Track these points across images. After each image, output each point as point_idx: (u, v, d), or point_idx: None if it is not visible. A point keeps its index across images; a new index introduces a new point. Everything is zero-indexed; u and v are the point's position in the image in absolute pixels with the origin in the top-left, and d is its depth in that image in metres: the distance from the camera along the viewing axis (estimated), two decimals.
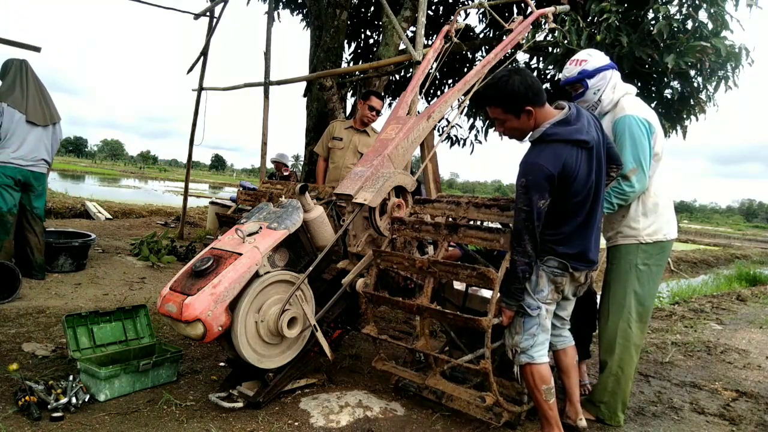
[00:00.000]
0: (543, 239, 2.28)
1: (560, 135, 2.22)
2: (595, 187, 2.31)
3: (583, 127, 2.26)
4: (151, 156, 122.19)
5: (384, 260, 2.66)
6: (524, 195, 2.19)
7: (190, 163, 8.10)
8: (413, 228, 2.68)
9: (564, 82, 2.86)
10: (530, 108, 2.26)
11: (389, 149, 2.95)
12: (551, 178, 2.16)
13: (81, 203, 11.15)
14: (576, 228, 2.31)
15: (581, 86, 2.77)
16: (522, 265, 2.25)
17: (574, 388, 2.63)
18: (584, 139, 2.22)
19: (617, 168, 2.55)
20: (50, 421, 2.29)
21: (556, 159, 2.18)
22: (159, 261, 5.77)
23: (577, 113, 2.30)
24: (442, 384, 2.59)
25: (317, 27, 6.77)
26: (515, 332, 2.39)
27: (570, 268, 2.34)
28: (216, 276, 2.38)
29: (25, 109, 4.36)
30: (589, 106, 2.77)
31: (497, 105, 2.32)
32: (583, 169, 2.23)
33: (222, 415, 2.48)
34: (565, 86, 2.89)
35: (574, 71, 2.77)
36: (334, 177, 4.61)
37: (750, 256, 18.87)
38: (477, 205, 2.58)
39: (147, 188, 29.76)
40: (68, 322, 2.81)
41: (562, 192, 2.22)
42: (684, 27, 4.79)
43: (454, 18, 3.77)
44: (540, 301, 2.35)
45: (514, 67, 2.40)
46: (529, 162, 2.22)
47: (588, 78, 2.74)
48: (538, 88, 2.28)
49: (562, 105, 2.34)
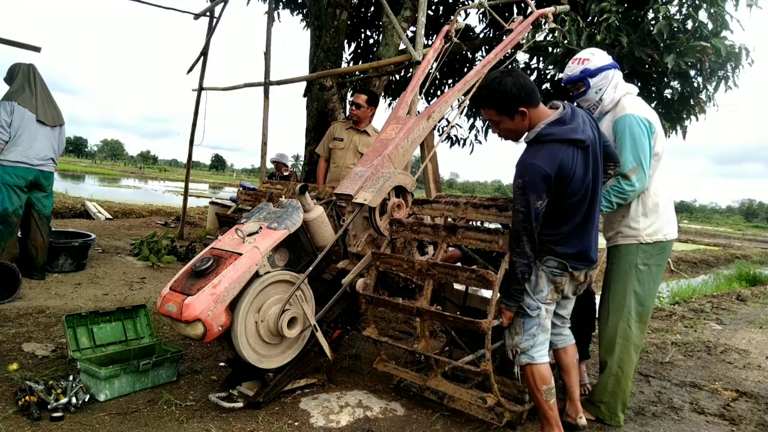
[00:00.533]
0: (542, 240, 2.28)
1: (555, 135, 2.21)
2: (593, 186, 2.31)
3: (579, 126, 2.25)
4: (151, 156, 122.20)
5: (383, 262, 2.66)
6: (521, 196, 2.18)
7: (190, 163, 8.10)
8: (412, 230, 2.68)
9: (566, 81, 2.86)
10: (524, 109, 2.25)
11: (389, 149, 2.95)
12: (548, 178, 2.16)
13: (81, 203, 11.16)
14: (574, 227, 2.31)
15: (583, 85, 2.76)
16: (521, 266, 2.25)
17: (575, 386, 2.63)
18: (580, 138, 2.22)
19: (614, 166, 2.55)
20: (50, 421, 2.29)
21: (552, 159, 2.17)
22: (159, 261, 5.77)
23: (572, 112, 2.29)
24: (443, 385, 2.59)
25: (317, 27, 6.77)
26: (515, 333, 2.39)
27: (570, 268, 2.34)
28: (216, 276, 2.38)
29: (35, 109, 4.40)
30: (590, 106, 2.78)
31: (491, 107, 2.32)
32: (580, 168, 2.23)
33: (222, 415, 2.48)
34: (567, 85, 2.88)
35: (576, 70, 2.77)
36: (336, 177, 4.64)
37: (750, 256, 18.88)
38: (475, 206, 2.57)
39: (147, 188, 29.78)
40: (68, 322, 2.81)
41: (559, 192, 2.21)
42: (684, 27, 4.79)
43: (454, 18, 3.77)
44: (540, 301, 2.35)
45: (507, 68, 2.39)
46: (525, 162, 2.22)
47: (590, 77, 2.73)
48: (530, 88, 2.27)
49: (556, 105, 2.34)
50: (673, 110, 5.41)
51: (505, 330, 2.43)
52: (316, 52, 6.56)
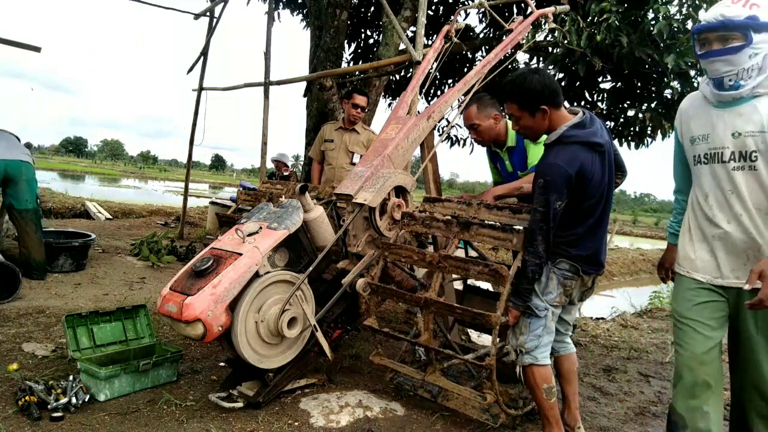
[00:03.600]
0: (555, 241, 2.30)
1: (578, 137, 2.26)
2: (607, 190, 2.35)
3: (597, 130, 2.30)
4: (151, 156, 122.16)
5: (392, 253, 2.66)
6: (541, 195, 2.22)
7: (190, 163, 8.10)
8: (424, 224, 2.68)
9: (715, 25, 1.89)
10: (545, 107, 2.30)
11: (389, 149, 2.95)
12: (569, 178, 2.19)
13: (81, 203, 11.16)
14: (588, 230, 2.34)
15: (741, 38, 1.85)
16: (532, 265, 2.28)
17: (573, 395, 2.63)
18: (599, 142, 2.27)
19: (622, 175, 2.58)
20: (50, 421, 2.29)
21: (573, 160, 2.21)
22: (159, 261, 5.77)
23: (590, 118, 2.34)
24: (441, 381, 2.59)
25: (317, 27, 6.77)
26: (520, 333, 2.40)
27: (581, 272, 2.36)
28: (216, 276, 2.38)
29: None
30: (727, 75, 1.89)
31: (513, 101, 2.37)
32: (597, 171, 2.27)
33: (222, 415, 2.48)
34: (708, 32, 1.92)
35: (740, 13, 1.85)
36: (330, 177, 4.69)
37: None
38: (489, 207, 2.59)
39: (147, 188, 29.79)
40: (68, 322, 2.81)
41: (577, 193, 2.25)
42: (684, 27, 4.78)
43: (454, 18, 3.77)
44: (548, 302, 2.36)
45: (535, 67, 2.42)
46: (548, 163, 2.26)
47: (755, 31, 1.84)
48: (555, 89, 2.31)
49: (575, 110, 2.38)
50: (673, 110, 5.39)
51: (510, 330, 2.44)
52: (316, 52, 6.56)
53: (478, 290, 3.50)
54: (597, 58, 4.74)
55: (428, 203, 2.86)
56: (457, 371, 3.19)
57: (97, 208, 10.74)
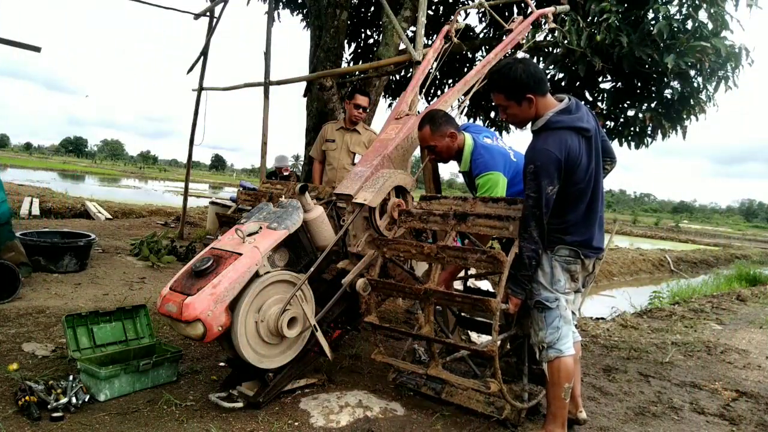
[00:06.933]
0: (549, 229, 2.33)
1: (564, 122, 2.29)
2: (595, 175, 2.37)
3: (584, 116, 2.34)
4: (151, 156, 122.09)
5: (391, 249, 2.67)
6: (533, 181, 2.24)
7: (190, 163, 8.10)
8: (421, 219, 2.69)
9: None
10: (531, 96, 2.32)
11: (389, 149, 2.95)
12: (559, 162, 2.22)
13: (81, 203, 11.15)
14: (580, 216, 2.36)
15: None
16: (528, 251, 2.29)
17: (576, 382, 2.65)
18: (586, 126, 2.31)
19: (611, 161, 2.60)
20: (50, 421, 2.29)
21: (561, 144, 2.24)
22: (159, 261, 5.77)
23: (576, 104, 2.38)
24: (444, 374, 2.58)
25: (317, 27, 6.76)
26: (539, 329, 2.42)
27: (581, 255, 2.38)
28: (216, 276, 2.38)
29: None
30: None
31: (500, 91, 2.40)
32: (584, 156, 2.31)
33: (222, 415, 2.48)
34: None
35: None
36: (332, 177, 4.69)
37: (750, 256, 18.87)
38: (484, 200, 2.61)
39: (147, 188, 29.75)
40: (68, 322, 2.81)
41: (566, 178, 2.27)
42: (684, 27, 4.79)
43: (454, 18, 3.77)
44: (558, 291, 2.38)
45: (519, 57, 2.45)
46: (537, 148, 2.29)
47: None
48: (540, 77, 2.34)
49: (561, 97, 2.41)
50: (673, 110, 5.41)
51: (530, 329, 2.47)
52: (316, 52, 6.56)
53: (478, 291, 3.50)
54: (597, 58, 4.74)
55: (425, 201, 2.86)
56: (460, 371, 3.19)
57: (97, 208, 10.73)
